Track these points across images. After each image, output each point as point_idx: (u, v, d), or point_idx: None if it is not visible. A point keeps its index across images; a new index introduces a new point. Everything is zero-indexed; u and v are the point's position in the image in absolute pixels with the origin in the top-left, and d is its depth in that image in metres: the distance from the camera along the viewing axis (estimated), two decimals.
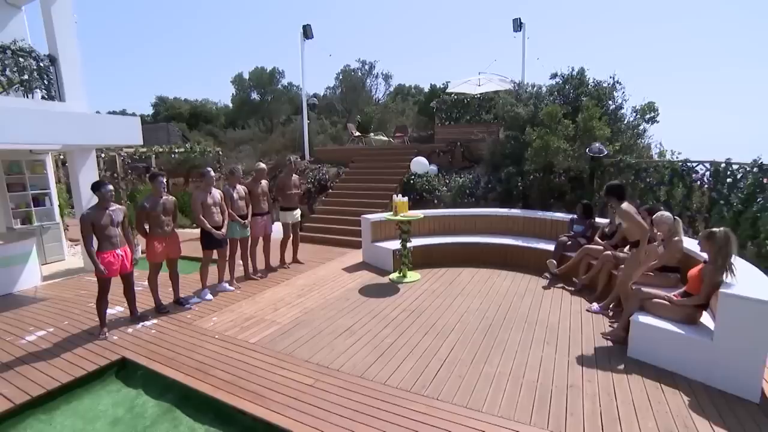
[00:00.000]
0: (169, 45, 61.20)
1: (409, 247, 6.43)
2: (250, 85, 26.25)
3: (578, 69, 8.70)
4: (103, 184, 4.45)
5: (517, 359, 3.84)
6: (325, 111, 20.95)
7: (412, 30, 55.20)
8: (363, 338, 4.36)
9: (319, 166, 12.14)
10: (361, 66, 24.93)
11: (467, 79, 12.52)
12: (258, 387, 3.48)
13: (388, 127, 17.03)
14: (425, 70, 49.48)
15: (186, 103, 26.22)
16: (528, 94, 9.23)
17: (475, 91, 11.51)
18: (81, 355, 4.09)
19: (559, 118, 7.60)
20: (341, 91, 24.11)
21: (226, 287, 5.97)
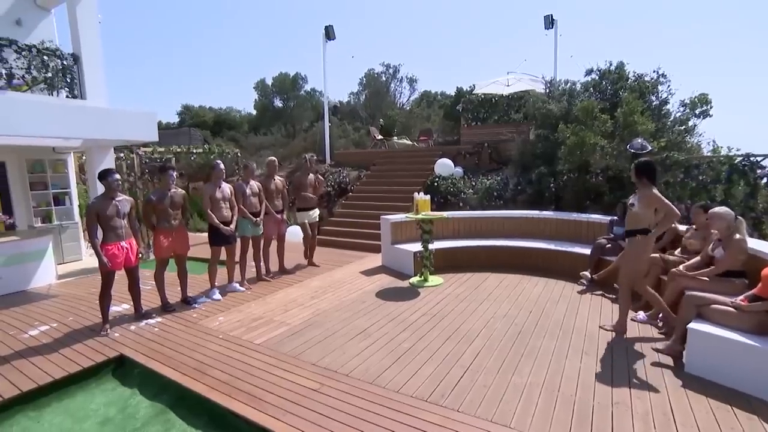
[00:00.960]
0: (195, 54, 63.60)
1: (431, 249, 6.09)
2: (272, 91, 26.72)
3: (617, 63, 8.24)
4: (110, 172, 4.36)
5: (552, 369, 3.42)
6: (348, 117, 21.00)
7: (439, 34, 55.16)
8: (378, 341, 4.04)
9: (339, 169, 12.01)
10: (385, 69, 24.94)
11: (495, 79, 12.18)
12: (256, 389, 3.21)
13: (412, 131, 16.82)
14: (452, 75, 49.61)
15: (210, 111, 26.96)
16: (561, 90, 8.80)
17: (503, 91, 11.15)
18: (79, 351, 3.95)
19: (596, 113, 7.14)
20: (365, 97, 24.16)
21: (236, 287, 5.79)
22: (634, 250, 3.87)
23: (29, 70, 6.81)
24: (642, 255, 3.86)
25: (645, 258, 3.91)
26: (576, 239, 6.58)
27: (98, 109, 6.71)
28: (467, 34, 54.58)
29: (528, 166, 8.76)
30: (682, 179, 6.42)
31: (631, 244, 3.89)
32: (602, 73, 8.12)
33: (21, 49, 6.72)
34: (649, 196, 3.72)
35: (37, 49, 6.92)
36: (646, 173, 3.82)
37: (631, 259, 3.93)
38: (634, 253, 3.87)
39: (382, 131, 14.83)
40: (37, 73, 6.86)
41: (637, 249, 3.84)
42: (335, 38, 12.74)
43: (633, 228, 3.83)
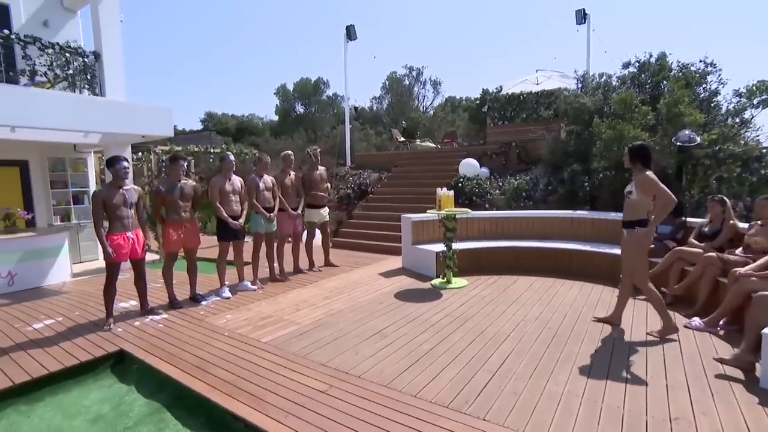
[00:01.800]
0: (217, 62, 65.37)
1: (455, 248, 5.76)
2: (294, 97, 27.01)
3: (658, 54, 7.75)
4: (119, 159, 4.27)
5: (594, 378, 3.02)
6: (370, 121, 20.93)
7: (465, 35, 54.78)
8: (396, 342, 3.74)
9: (359, 171, 11.84)
10: (408, 72, 24.80)
11: (524, 78, 11.81)
12: (259, 389, 2.96)
13: (436, 135, 16.56)
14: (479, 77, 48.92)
15: (233, 118, 27.52)
16: (595, 84, 8.36)
17: (532, 89, 10.76)
18: (79, 345, 3.81)
19: (635, 104, 6.68)
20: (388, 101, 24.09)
21: (247, 286, 5.60)
22: (635, 243, 3.67)
23: (51, 68, 6.95)
24: (645, 248, 3.68)
25: (647, 250, 3.72)
26: (614, 240, 6.09)
27: (113, 102, 6.76)
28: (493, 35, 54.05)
29: (559, 165, 8.32)
30: (740, 174, 5.85)
31: (631, 236, 3.68)
32: (641, 64, 7.65)
33: (44, 47, 6.85)
34: (647, 180, 3.51)
35: (59, 47, 7.06)
36: (640, 157, 3.64)
37: (634, 253, 3.72)
38: (637, 246, 3.67)
39: (405, 133, 14.62)
40: (59, 71, 6.99)
41: (638, 242, 3.64)
42: (357, 38, 12.69)
43: (631, 218, 3.66)
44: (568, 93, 8.32)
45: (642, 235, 3.59)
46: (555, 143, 8.56)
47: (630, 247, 3.74)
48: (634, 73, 7.76)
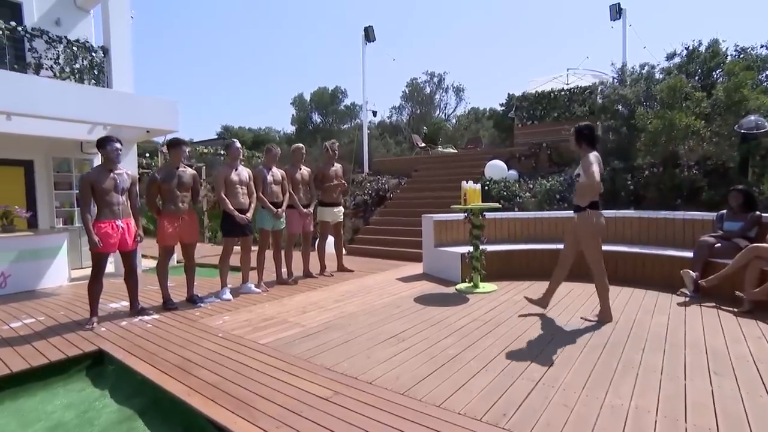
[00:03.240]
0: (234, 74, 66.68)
1: (483, 248, 5.25)
2: (311, 107, 27.11)
3: (709, 41, 7.20)
4: (110, 140, 3.99)
5: (667, 391, 2.46)
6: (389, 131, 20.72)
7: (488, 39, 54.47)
8: (415, 346, 3.25)
9: (377, 177, 11.49)
10: (429, 78, 24.52)
11: (553, 76, 11.37)
12: (249, 394, 2.51)
13: (458, 143, 16.15)
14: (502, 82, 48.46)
15: (250, 132, 27.82)
16: (637, 74, 7.82)
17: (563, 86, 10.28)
18: (54, 344, 3.45)
19: (686, 92, 6.13)
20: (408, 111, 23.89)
21: (251, 288, 5.20)
22: (587, 226, 3.67)
23: (57, 61, 6.90)
24: (599, 230, 3.69)
25: (600, 233, 3.72)
26: (668, 242, 5.48)
27: (117, 92, 6.63)
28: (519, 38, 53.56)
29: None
30: None
31: (582, 219, 3.69)
32: (690, 52, 7.10)
33: (51, 40, 6.81)
34: (585, 161, 3.52)
35: (67, 40, 7.03)
36: (586, 137, 3.65)
37: (587, 236, 3.70)
38: (589, 228, 3.67)
39: (426, 139, 14.27)
40: (66, 66, 6.94)
41: (590, 224, 3.66)
42: (375, 39, 12.53)
43: (580, 202, 3.67)
44: (605, 87, 7.79)
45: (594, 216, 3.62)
46: None
47: (581, 230, 3.71)
48: (681, 62, 7.21)
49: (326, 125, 26.27)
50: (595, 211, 3.65)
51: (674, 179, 6.29)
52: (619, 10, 11.01)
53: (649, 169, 6.60)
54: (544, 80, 11.36)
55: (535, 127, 10.39)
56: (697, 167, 6.17)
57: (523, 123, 10.77)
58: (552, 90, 10.25)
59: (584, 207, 3.63)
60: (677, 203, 6.23)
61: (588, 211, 3.64)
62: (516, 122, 10.99)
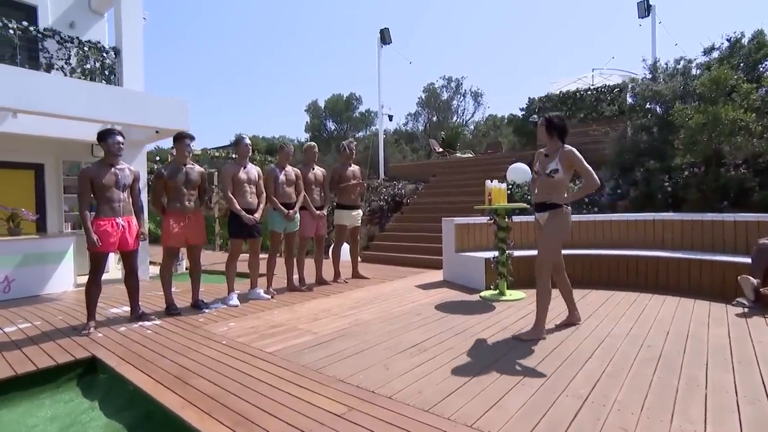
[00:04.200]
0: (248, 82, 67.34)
1: (509, 252, 4.91)
2: (325, 114, 27.09)
3: (753, 32, 6.79)
4: (111, 132, 3.82)
5: (748, 415, 2.09)
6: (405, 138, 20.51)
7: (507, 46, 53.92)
8: (438, 358, 2.93)
9: (393, 182, 11.24)
10: (446, 83, 24.23)
11: (578, 77, 11.01)
12: (251, 409, 2.23)
13: (477, 148, 15.83)
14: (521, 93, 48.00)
15: (264, 140, 27.98)
16: (672, 70, 7.43)
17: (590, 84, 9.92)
18: (45, 350, 3.24)
19: (731, 85, 5.72)
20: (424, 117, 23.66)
21: (259, 294, 4.95)
22: (557, 226, 3.32)
23: (68, 62, 6.88)
24: (566, 228, 3.38)
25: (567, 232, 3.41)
26: (716, 247, 5.05)
27: (125, 90, 6.56)
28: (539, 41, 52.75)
29: (628, 167, 7.36)
30: None
31: (557, 219, 3.33)
32: (732, 44, 6.69)
33: (63, 41, 6.80)
34: (573, 156, 3.26)
35: (79, 41, 7.01)
36: (559, 128, 3.36)
37: (555, 238, 3.35)
38: (561, 230, 3.35)
39: (443, 144, 14.00)
40: (77, 66, 6.92)
41: (561, 225, 3.33)
42: (391, 42, 12.39)
43: (555, 199, 3.31)
44: (636, 84, 7.42)
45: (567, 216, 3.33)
46: (622, 142, 7.62)
47: (551, 228, 3.35)
48: (722, 55, 6.81)
49: (341, 133, 26.22)
50: (569, 209, 3.38)
51: (719, 179, 5.86)
52: (648, 7, 10.65)
53: (688, 169, 6.19)
54: (568, 81, 11.02)
55: None
56: (745, 166, 5.73)
57: None
58: (578, 90, 9.89)
59: (560, 204, 3.32)
60: (723, 205, 5.79)
61: (565, 207, 3.34)
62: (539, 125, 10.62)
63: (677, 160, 6.19)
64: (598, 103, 9.45)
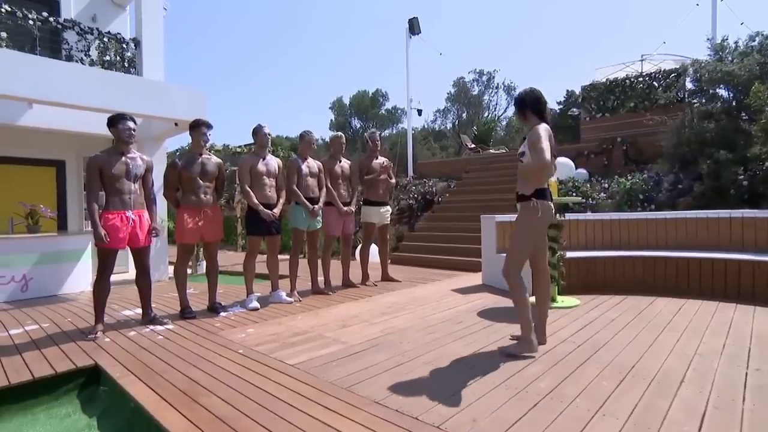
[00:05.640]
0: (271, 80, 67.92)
1: (561, 254, 4.42)
2: (350, 111, 26.84)
3: None
4: (122, 117, 3.57)
5: None
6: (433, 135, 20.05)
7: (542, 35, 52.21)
8: (492, 375, 2.51)
9: (423, 180, 10.82)
10: (477, 77, 23.56)
11: (624, 64, 10.34)
12: None
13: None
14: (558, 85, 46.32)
15: (287, 140, 28.02)
16: (746, 47, 6.72)
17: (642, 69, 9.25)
18: (47, 356, 2.98)
19: None
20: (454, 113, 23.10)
21: (281, 297, 4.63)
22: (529, 220, 2.87)
23: (88, 53, 6.80)
24: (534, 226, 2.88)
25: (538, 232, 2.94)
26: None
27: (143, 80, 6.41)
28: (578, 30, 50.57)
29: (690, 159, 6.71)
30: None
31: (524, 211, 2.89)
32: None
33: (83, 32, 6.72)
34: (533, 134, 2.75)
35: (99, 32, 6.93)
36: (532, 105, 2.90)
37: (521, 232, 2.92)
38: (524, 225, 2.90)
39: (476, 140, 13.48)
40: (96, 57, 6.84)
41: (534, 218, 2.84)
42: (420, 32, 12.00)
43: (524, 190, 2.88)
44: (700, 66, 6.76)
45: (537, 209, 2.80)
46: (682, 131, 6.97)
47: (518, 227, 2.94)
48: None
49: (366, 130, 26.03)
50: (542, 201, 2.84)
51: None
52: None
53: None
54: (614, 69, 10.35)
55: (606, 120, 9.36)
56: None
57: (591, 116, 9.77)
58: (627, 76, 9.23)
59: (529, 195, 2.85)
60: None
61: (533, 200, 2.84)
62: (582, 116, 10.01)
63: (755, 150, 5.54)
64: (650, 91, 8.76)
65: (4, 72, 4.90)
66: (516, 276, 2.91)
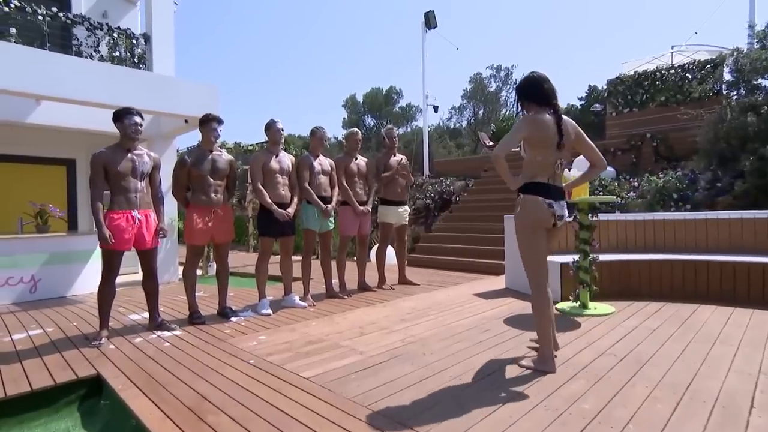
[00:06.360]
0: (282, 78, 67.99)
1: (594, 257, 4.17)
2: (363, 109, 26.65)
3: None
4: (129, 112, 3.42)
5: None
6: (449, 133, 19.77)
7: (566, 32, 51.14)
8: (528, 394, 2.28)
9: (440, 179, 10.59)
10: (494, 73, 23.15)
11: (653, 56, 9.96)
12: None
13: None
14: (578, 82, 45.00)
15: (300, 139, 27.99)
16: None
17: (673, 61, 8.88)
18: (48, 364, 2.85)
19: None
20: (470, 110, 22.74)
21: (295, 301, 4.46)
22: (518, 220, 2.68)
23: (97, 49, 6.74)
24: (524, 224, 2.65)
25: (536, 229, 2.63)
26: None
27: (152, 75, 6.31)
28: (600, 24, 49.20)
29: (729, 156, 6.37)
30: None
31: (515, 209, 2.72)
32: None
33: (93, 27, 6.66)
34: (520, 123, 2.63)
35: (108, 27, 6.87)
36: (528, 94, 2.69)
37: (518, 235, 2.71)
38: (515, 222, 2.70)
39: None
40: (106, 53, 6.78)
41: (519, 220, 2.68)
42: (437, 26, 11.74)
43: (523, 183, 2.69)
44: (741, 55, 6.40)
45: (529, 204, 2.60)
46: (719, 126, 6.62)
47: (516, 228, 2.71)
48: None
49: (380, 129, 25.88)
50: (531, 196, 2.62)
51: None
52: None
53: None
54: (642, 61, 9.97)
55: (635, 115, 9.00)
56: None
57: (617, 111, 9.41)
58: (657, 68, 8.86)
59: (518, 191, 2.70)
60: None
61: (520, 196, 2.67)
62: (608, 111, 9.65)
63: None
64: (683, 83, 8.39)
65: (7, 66, 4.82)
66: (534, 282, 2.67)
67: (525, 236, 2.68)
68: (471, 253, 7.17)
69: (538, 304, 2.67)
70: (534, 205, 2.61)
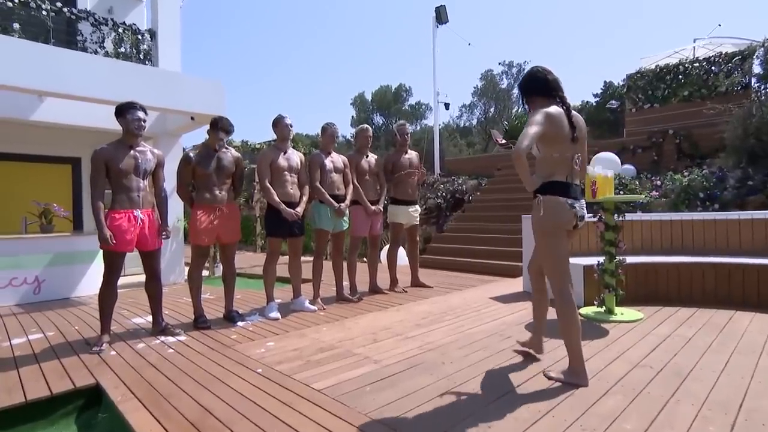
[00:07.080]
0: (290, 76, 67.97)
1: (620, 259, 3.96)
2: (372, 107, 26.49)
3: None
4: (132, 107, 3.29)
5: None
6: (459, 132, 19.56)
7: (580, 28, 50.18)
8: (561, 409, 2.10)
9: (452, 178, 10.39)
10: (506, 69, 22.85)
11: (674, 50, 9.67)
12: None
13: None
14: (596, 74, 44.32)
15: (307, 138, 27.92)
16: None
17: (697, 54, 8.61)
18: (45, 372, 2.72)
19: None
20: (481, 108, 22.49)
21: (304, 304, 4.31)
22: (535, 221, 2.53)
23: (102, 45, 6.66)
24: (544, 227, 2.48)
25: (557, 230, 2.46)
26: None
27: (156, 70, 6.21)
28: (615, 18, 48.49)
29: (761, 152, 6.12)
30: None
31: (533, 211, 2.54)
32: None
33: (98, 23, 6.58)
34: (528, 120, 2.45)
35: (113, 22, 6.79)
36: (534, 88, 2.55)
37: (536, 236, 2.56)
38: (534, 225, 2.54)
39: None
40: (111, 49, 6.70)
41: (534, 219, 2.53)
42: (448, 21, 11.56)
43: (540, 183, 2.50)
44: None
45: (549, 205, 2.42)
46: (748, 121, 6.36)
47: (533, 227, 2.56)
48: None
49: (389, 127, 25.68)
50: (550, 197, 2.44)
51: None
52: None
53: None
54: (662, 56, 9.69)
55: (656, 111, 8.74)
56: None
57: (637, 107, 9.15)
58: (680, 62, 8.59)
59: (535, 192, 2.51)
60: None
61: (539, 198, 2.49)
62: (627, 107, 9.39)
63: None
64: (708, 77, 8.11)
65: (8, 61, 4.72)
66: (561, 291, 2.49)
67: (546, 240, 2.51)
68: (485, 254, 6.97)
69: (565, 311, 2.49)
70: (556, 206, 2.43)
